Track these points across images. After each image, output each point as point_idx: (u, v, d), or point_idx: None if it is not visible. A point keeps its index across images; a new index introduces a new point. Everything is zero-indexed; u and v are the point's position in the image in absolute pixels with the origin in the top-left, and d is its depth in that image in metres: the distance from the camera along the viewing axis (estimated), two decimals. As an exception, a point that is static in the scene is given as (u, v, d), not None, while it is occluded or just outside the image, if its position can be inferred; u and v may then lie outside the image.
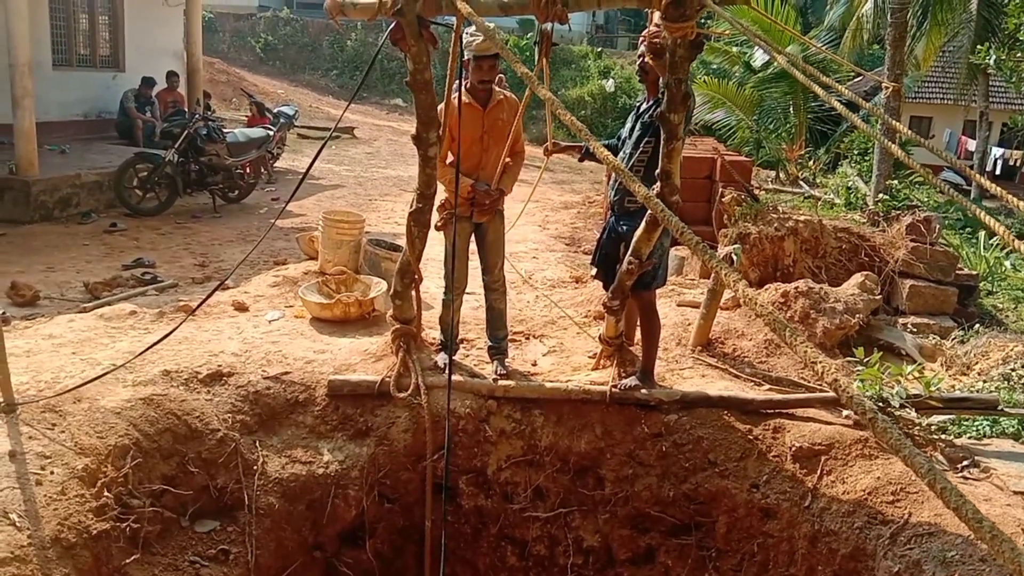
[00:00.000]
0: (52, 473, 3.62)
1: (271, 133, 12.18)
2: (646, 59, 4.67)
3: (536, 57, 4.73)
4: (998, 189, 2.58)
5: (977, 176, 2.94)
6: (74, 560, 3.38)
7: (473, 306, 6.68)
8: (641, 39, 4.71)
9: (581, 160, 5.33)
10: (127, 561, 3.73)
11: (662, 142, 4.33)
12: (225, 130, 10.97)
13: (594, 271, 5.42)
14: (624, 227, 4.90)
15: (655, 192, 4.40)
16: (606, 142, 5.27)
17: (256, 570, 4.31)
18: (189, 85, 13.66)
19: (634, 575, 4.96)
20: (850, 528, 4.16)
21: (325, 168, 14.66)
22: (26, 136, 9.13)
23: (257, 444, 4.65)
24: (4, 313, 5.63)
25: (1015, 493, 4.12)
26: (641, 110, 4.91)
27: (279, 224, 9.69)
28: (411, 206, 4.86)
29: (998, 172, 20.18)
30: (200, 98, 13.21)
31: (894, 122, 3.38)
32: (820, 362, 1.62)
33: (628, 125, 4.99)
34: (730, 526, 4.68)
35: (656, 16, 4.42)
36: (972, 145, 20.10)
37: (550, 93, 2.79)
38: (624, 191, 4.89)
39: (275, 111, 14.10)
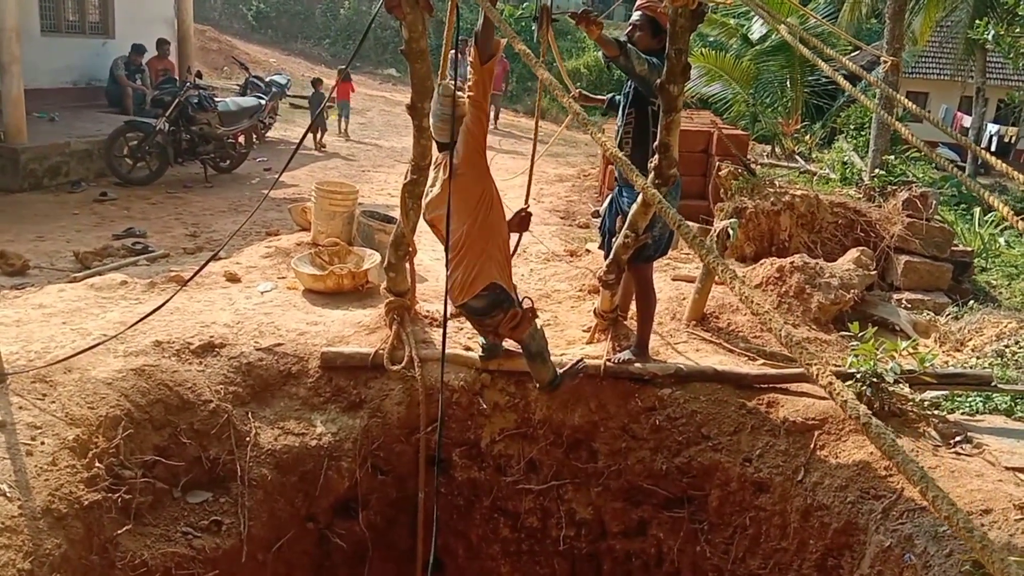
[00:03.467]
0: (43, 444, 3.59)
1: (263, 102, 12.05)
2: (636, 32, 4.64)
3: (536, 33, 4.65)
4: (1002, 164, 2.55)
5: (981, 151, 2.90)
6: (65, 531, 3.37)
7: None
8: (636, 8, 4.66)
9: (604, 113, 5.48)
10: (119, 532, 3.72)
11: (661, 114, 4.28)
12: (216, 99, 10.83)
13: (596, 244, 5.44)
14: (626, 199, 4.87)
15: (652, 164, 4.37)
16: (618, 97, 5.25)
17: (249, 541, 4.30)
18: (180, 53, 13.47)
19: (626, 548, 4.99)
20: (842, 502, 4.17)
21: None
22: (14, 103, 9.00)
23: (250, 415, 4.62)
24: (-7, 282, 5.58)
25: (1007, 468, 4.14)
26: (625, 80, 4.89)
27: (271, 194, 9.59)
28: (405, 177, 4.80)
29: (993, 149, 20.10)
30: (191, 66, 13.02)
31: (895, 94, 3.33)
32: (814, 365, 1.59)
33: (621, 95, 4.97)
34: (723, 500, 4.70)
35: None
36: (967, 121, 20.01)
37: (548, 74, 2.72)
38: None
39: (267, 80, 13.92)
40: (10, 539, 3.13)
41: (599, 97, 5.41)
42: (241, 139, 11.40)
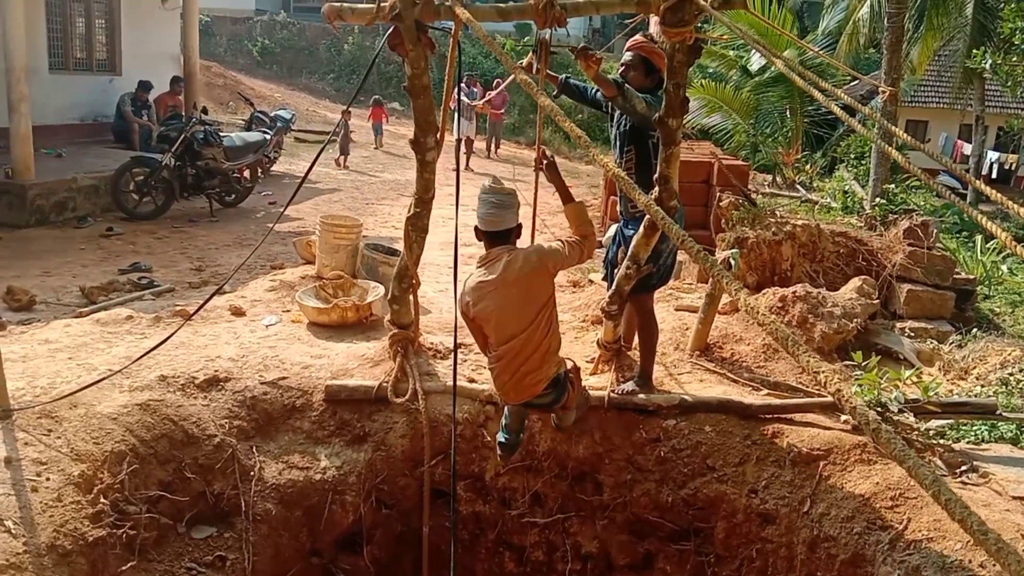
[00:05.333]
0: (48, 479, 3.60)
1: (268, 137, 12.18)
2: (629, 72, 4.70)
3: (535, 65, 4.72)
4: (998, 195, 2.58)
5: (975, 181, 2.93)
6: (70, 567, 3.36)
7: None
8: (627, 48, 4.74)
9: (557, 95, 5.03)
10: (123, 568, 3.71)
11: (661, 147, 4.33)
12: (222, 134, 10.95)
13: (600, 275, 5.45)
14: (631, 231, 4.90)
15: (653, 197, 4.40)
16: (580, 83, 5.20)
17: (253, 576, 4.29)
18: (186, 89, 13.65)
19: (633, 581, 4.95)
20: (849, 533, 4.15)
21: (322, 172, 14.65)
22: (22, 140, 9.11)
23: (254, 450, 4.62)
24: (0, 318, 5.61)
25: (1014, 498, 4.11)
26: (616, 118, 4.91)
27: (276, 228, 9.66)
28: (409, 210, 4.85)
29: (994, 176, 20.22)
30: (196, 103, 13.19)
31: (891, 127, 3.38)
32: (823, 371, 1.61)
33: (612, 132, 4.97)
34: (729, 532, 4.66)
35: (654, 22, 4.44)
36: (968, 149, 20.13)
37: (550, 100, 2.79)
38: (627, 196, 4.89)
39: (271, 115, 14.09)
40: (15, 576, 3.12)
41: (553, 75, 5.03)
42: (246, 173, 11.52)
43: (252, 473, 4.52)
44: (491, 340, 3.94)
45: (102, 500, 3.72)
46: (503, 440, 4.43)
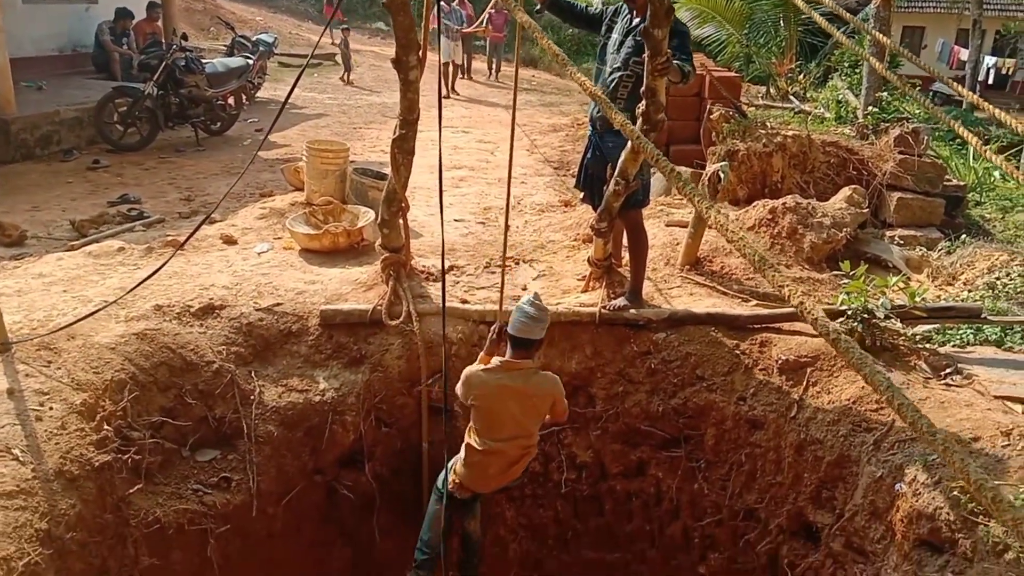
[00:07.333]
0: (51, 409, 3.67)
1: (251, 62, 11.93)
2: None
3: None
4: (982, 101, 2.57)
5: (959, 88, 2.92)
6: (79, 491, 3.46)
7: (463, 232, 6.69)
8: None
9: (540, 11, 4.91)
10: (131, 491, 3.82)
11: (646, 59, 4.26)
12: (203, 61, 10.72)
13: (582, 194, 5.45)
14: (610, 144, 4.86)
15: (640, 110, 4.37)
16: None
17: (258, 495, 4.42)
18: (164, 15, 13.29)
19: (626, 488, 5.11)
20: (835, 436, 4.27)
21: (307, 96, 14.40)
22: (0, 74, 8.91)
23: (253, 374, 4.70)
24: (-8, 254, 5.62)
25: (996, 397, 4.23)
26: (633, 25, 4.76)
27: (264, 155, 9.58)
28: (394, 133, 4.81)
29: (991, 81, 19.96)
30: (176, 29, 12.86)
31: (879, 35, 3.34)
32: (787, 286, 1.65)
33: (615, 37, 4.83)
34: (718, 438, 4.81)
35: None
36: (965, 55, 19.80)
37: (527, 16, 2.75)
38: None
39: (253, 40, 13.76)
40: (26, 501, 3.22)
41: None
42: (231, 100, 11.32)
43: (252, 397, 4.60)
44: (482, 433, 4.06)
45: (105, 427, 3.80)
46: (425, 557, 4.31)
